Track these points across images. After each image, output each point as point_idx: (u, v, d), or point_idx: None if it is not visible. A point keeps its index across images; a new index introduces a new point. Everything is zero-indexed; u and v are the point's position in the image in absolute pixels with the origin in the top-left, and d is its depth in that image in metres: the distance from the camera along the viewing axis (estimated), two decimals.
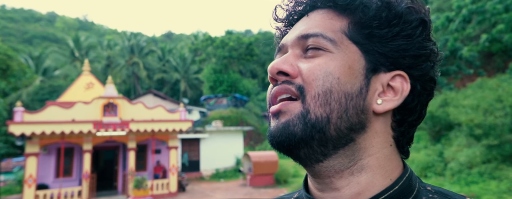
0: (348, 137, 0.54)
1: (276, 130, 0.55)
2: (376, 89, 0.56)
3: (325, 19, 0.59)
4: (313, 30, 0.58)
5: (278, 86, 0.57)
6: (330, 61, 0.55)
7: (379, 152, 0.56)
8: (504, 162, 12.88)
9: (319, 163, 0.56)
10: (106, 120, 15.14)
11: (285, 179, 18.43)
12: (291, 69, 0.56)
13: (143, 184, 15.05)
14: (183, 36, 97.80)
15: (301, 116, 0.53)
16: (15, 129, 13.49)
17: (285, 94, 0.56)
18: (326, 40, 0.56)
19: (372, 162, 0.56)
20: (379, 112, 0.56)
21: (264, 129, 33.67)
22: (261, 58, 49.33)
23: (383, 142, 0.57)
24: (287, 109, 0.55)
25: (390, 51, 0.57)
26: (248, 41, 40.47)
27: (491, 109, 12.27)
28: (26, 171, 14.10)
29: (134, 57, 49.12)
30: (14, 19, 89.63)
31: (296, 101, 0.55)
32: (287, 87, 0.55)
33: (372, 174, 0.55)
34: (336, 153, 0.55)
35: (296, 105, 0.54)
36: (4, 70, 21.21)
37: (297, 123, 0.53)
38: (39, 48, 46.77)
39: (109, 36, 78.85)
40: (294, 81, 0.55)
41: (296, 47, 0.59)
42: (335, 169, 0.56)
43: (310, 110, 0.53)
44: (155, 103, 24.96)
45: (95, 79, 18.70)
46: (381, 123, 0.57)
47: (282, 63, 0.57)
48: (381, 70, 0.57)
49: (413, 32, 0.57)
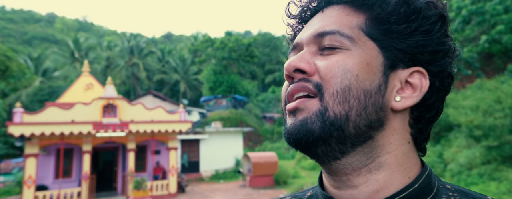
0: (367, 134, 0.54)
1: (293, 127, 0.55)
2: (395, 86, 0.56)
3: (341, 15, 0.58)
4: (330, 27, 0.57)
5: (295, 84, 0.56)
6: (348, 58, 0.54)
7: (397, 149, 0.56)
8: (504, 163, 12.88)
9: (336, 161, 0.55)
10: (105, 121, 15.13)
11: (285, 180, 18.42)
12: (308, 67, 0.56)
13: (143, 185, 15.05)
14: (183, 37, 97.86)
15: (319, 113, 0.53)
16: (14, 129, 13.48)
17: (302, 93, 0.56)
18: (343, 37, 0.55)
19: (390, 160, 0.56)
20: (397, 109, 0.55)
21: (264, 130, 33.68)
22: (261, 60, 49.35)
23: (401, 139, 0.57)
24: (305, 106, 0.54)
25: (408, 47, 0.56)
26: (247, 42, 40.50)
27: (491, 110, 12.27)
28: (25, 172, 14.09)
29: (133, 58, 49.11)
30: (13, 20, 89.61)
31: (314, 98, 0.54)
32: (304, 85, 0.55)
33: (390, 172, 0.55)
34: (354, 150, 0.55)
35: (313, 102, 0.54)
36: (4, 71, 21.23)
37: (315, 120, 0.53)
38: (39, 49, 46.79)
39: (109, 37, 78.92)
40: (311, 79, 0.55)
41: (312, 45, 0.58)
42: (352, 167, 0.55)
43: (328, 108, 0.52)
44: (154, 103, 24.97)
45: (94, 80, 18.70)
46: (399, 120, 0.57)
47: (298, 61, 0.56)
48: (399, 67, 0.56)
49: (432, 28, 0.56)
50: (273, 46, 53.39)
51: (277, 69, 51.42)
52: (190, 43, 59.68)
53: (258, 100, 40.82)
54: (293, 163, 25.00)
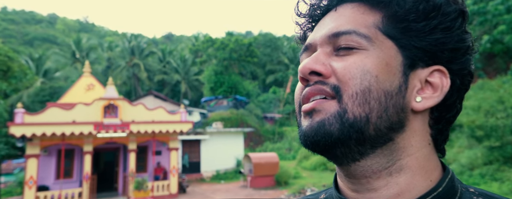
0: (387, 136, 0.52)
1: (310, 129, 0.53)
2: (415, 86, 0.54)
3: (356, 14, 0.56)
4: (345, 27, 0.55)
5: (311, 88, 0.54)
6: (366, 58, 0.52)
7: (418, 151, 0.54)
8: (506, 164, 12.85)
9: (355, 162, 0.54)
10: (106, 121, 15.13)
11: (286, 180, 18.40)
12: (324, 69, 0.53)
13: (144, 186, 15.04)
14: (184, 37, 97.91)
15: (337, 115, 0.51)
16: (15, 130, 13.49)
17: (318, 96, 0.54)
18: (360, 37, 0.53)
19: (412, 162, 0.54)
20: (418, 109, 0.53)
21: (264, 130, 33.66)
22: (262, 60, 49.33)
23: (422, 140, 0.55)
24: (322, 108, 0.52)
25: (428, 46, 0.54)
26: (248, 43, 40.51)
27: (493, 110, 12.25)
28: (26, 173, 14.09)
29: (134, 59, 49.15)
30: (15, 21, 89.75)
31: (332, 100, 0.52)
32: (321, 88, 0.53)
33: (411, 175, 0.53)
34: (374, 152, 0.53)
35: (331, 104, 0.52)
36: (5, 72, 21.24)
37: (334, 122, 0.51)
38: (40, 50, 46.85)
39: (110, 37, 78.99)
40: (327, 81, 0.53)
41: (326, 46, 0.56)
42: (372, 169, 0.54)
43: (347, 109, 0.51)
44: (155, 104, 24.95)
45: (95, 80, 18.71)
46: (419, 121, 0.55)
47: (314, 63, 0.54)
48: (419, 66, 0.55)
49: (452, 25, 0.55)
50: (274, 47, 53.35)
51: (278, 69, 51.40)
52: (191, 44, 59.73)
53: (259, 100, 40.80)
54: (294, 164, 24.97)
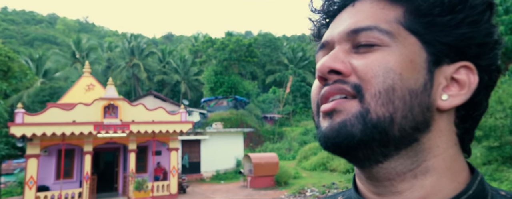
0: (412, 137, 0.50)
1: (331, 130, 0.50)
2: (440, 83, 0.51)
3: (375, 9, 0.53)
4: (365, 23, 0.52)
5: (330, 87, 0.51)
6: (389, 55, 0.49)
7: (445, 152, 0.52)
8: (505, 164, 12.88)
9: (378, 164, 0.51)
10: (106, 122, 15.16)
11: (286, 180, 18.43)
12: (343, 67, 0.51)
13: (144, 186, 15.07)
14: (183, 37, 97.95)
15: (359, 115, 0.48)
16: (16, 130, 13.52)
17: (338, 95, 0.51)
18: (382, 33, 0.50)
19: (438, 164, 0.51)
20: (444, 108, 0.51)
21: (264, 130, 33.68)
22: (261, 60, 49.36)
23: (448, 141, 0.52)
24: (343, 108, 0.50)
25: (454, 41, 0.51)
26: (248, 43, 40.53)
27: (492, 110, 12.27)
28: (26, 173, 14.11)
29: (134, 59, 49.17)
30: (15, 21, 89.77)
31: (353, 99, 0.50)
32: (341, 88, 0.50)
33: (437, 177, 0.50)
34: (398, 154, 0.50)
35: (353, 104, 0.49)
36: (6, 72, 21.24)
37: (356, 122, 0.48)
38: (40, 50, 46.86)
39: (110, 38, 79.01)
40: (348, 80, 0.50)
41: (344, 43, 0.53)
42: (396, 171, 0.51)
43: (370, 109, 0.48)
44: (155, 104, 24.96)
45: (95, 81, 18.74)
46: (445, 120, 0.52)
47: (332, 61, 0.51)
48: (444, 62, 0.52)
49: (479, 18, 0.51)
50: (273, 47, 53.37)
51: (277, 70, 51.43)
52: (191, 44, 59.75)
53: (258, 101, 40.82)
54: (294, 164, 25.00)
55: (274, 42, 54.04)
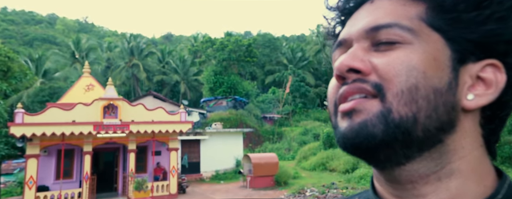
0: (436, 138, 0.48)
1: (351, 131, 0.48)
2: (465, 82, 0.49)
3: (395, 5, 0.51)
4: (385, 20, 0.50)
5: (349, 86, 0.49)
6: (411, 53, 0.48)
7: (470, 154, 0.49)
8: (503, 163, 12.91)
9: (400, 166, 0.49)
10: (106, 122, 15.18)
11: (285, 180, 18.45)
12: (363, 65, 0.49)
13: (144, 186, 15.09)
14: (183, 37, 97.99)
15: (381, 115, 0.47)
16: (15, 130, 13.55)
17: (358, 95, 0.49)
18: (403, 30, 0.49)
19: (463, 166, 0.49)
20: (470, 108, 0.49)
21: (264, 130, 33.69)
22: (261, 60, 49.40)
23: (474, 142, 0.50)
24: (363, 107, 0.48)
25: (480, 38, 0.49)
26: (247, 43, 40.57)
27: None
28: (26, 173, 14.13)
29: (133, 59, 49.20)
30: (14, 21, 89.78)
31: (373, 99, 0.48)
32: (360, 87, 0.48)
33: (463, 180, 0.48)
34: (421, 155, 0.48)
35: (373, 103, 0.47)
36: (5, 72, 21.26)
37: (377, 123, 0.47)
38: (40, 50, 46.88)
39: (109, 38, 79.01)
40: (368, 79, 0.49)
41: (363, 41, 0.51)
42: (419, 174, 0.49)
43: (392, 109, 0.46)
44: (154, 104, 24.98)
45: (95, 81, 18.76)
46: (470, 120, 0.50)
47: (351, 59, 0.49)
48: (470, 60, 0.49)
49: (508, 14, 0.49)
50: (273, 47, 53.41)
51: (277, 70, 51.45)
52: (190, 44, 59.74)
53: (258, 101, 40.84)
54: (293, 164, 25.03)
55: (273, 43, 54.08)
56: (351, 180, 17.60)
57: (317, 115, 39.98)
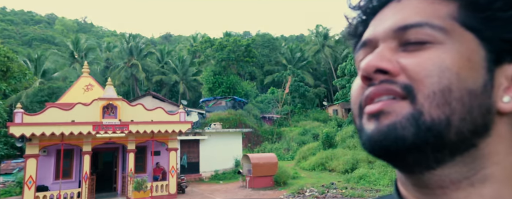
0: (470, 142, 0.46)
1: (378, 133, 0.46)
2: (501, 84, 0.47)
3: (425, 4, 0.49)
4: (414, 19, 0.48)
5: (376, 88, 0.48)
6: (443, 54, 0.46)
7: (505, 159, 0.47)
8: None
9: (430, 171, 0.47)
10: (105, 122, 15.18)
11: (285, 180, 18.46)
12: (391, 66, 0.47)
13: (143, 186, 15.09)
14: (182, 37, 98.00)
15: (411, 117, 0.45)
16: (15, 130, 13.55)
17: (385, 96, 0.47)
18: (434, 30, 0.47)
19: (498, 172, 0.46)
20: (506, 111, 0.46)
21: (263, 130, 33.70)
22: (260, 60, 49.43)
23: (509, 147, 0.47)
24: (392, 109, 0.46)
25: None
26: (246, 43, 40.60)
27: None
28: (26, 173, 14.13)
29: (133, 59, 49.19)
30: (13, 21, 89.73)
31: (402, 101, 0.46)
32: (388, 88, 0.47)
33: (498, 186, 0.46)
34: (453, 160, 0.46)
35: (403, 105, 0.45)
36: (5, 72, 21.24)
37: (407, 125, 0.44)
38: (39, 50, 46.85)
39: (108, 38, 78.94)
40: (396, 80, 0.47)
41: (390, 41, 0.50)
42: (450, 179, 0.47)
43: (423, 111, 0.44)
44: (154, 104, 25.00)
45: (94, 81, 18.75)
46: (505, 124, 0.48)
47: (379, 60, 0.48)
48: (506, 61, 0.47)
49: None
50: (272, 47, 53.45)
51: (276, 70, 51.50)
52: (189, 44, 59.80)
53: (257, 101, 40.87)
54: (293, 164, 25.04)
55: (273, 43, 54.13)
56: (350, 180, 17.62)
57: (316, 115, 40.03)
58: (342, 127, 29.43)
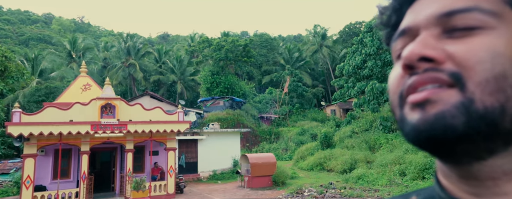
0: None
1: (425, 122, 0.44)
2: None
3: None
4: (461, 3, 0.46)
5: (421, 76, 0.45)
6: (495, 39, 0.43)
7: None
8: None
9: (480, 161, 0.45)
10: (104, 121, 15.13)
11: (283, 180, 18.44)
12: (436, 53, 0.45)
13: (142, 186, 15.04)
14: (179, 37, 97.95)
15: (461, 106, 0.42)
16: (13, 129, 13.49)
17: (431, 85, 0.44)
18: (484, 14, 0.44)
19: None
20: None
21: (261, 130, 33.70)
22: (258, 61, 49.43)
23: None
24: (439, 98, 0.44)
25: None
26: (244, 43, 40.62)
27: None
28: (23, 173, 14.07)
29: (130, 59, 49.09)
30: (10, 21, 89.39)
31: (450, 89, 0.44)
32: (435, 76, 0.44)
33: None
34: (507, 150, 0.44)
35: (451, 93, 0.43)
36: (2, 72, 21.16)
37: (457, 114, 0.42)
38: (35, 50, 46.71)
39: (105, 38, 78.78)
40: (442, 68, 0.44)
41: (433, 28, 0.47)
42: (503, 170, 0.45)
43: (475, 99, 0.42)
44: (151, 104, 24.98)
45: (92, 81, 18.70)
46: None
47: (423, 47, 0.46)
48: None
49: None
50: (269, 47, 53.48)
51: (274, 70, 51.51)
52: (187, 44, 59.76)
53: (255, 101, 40.89)
54: (291, 164, 25.04)
55: (270, 43, 54.17)
56: (349, 180, 17.62)
57: (314, 115, 40.05)
58: (340, 127, 29.46)
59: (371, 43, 28.70)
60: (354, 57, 30.07)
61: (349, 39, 45.44)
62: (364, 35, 30.60)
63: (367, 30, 30.50)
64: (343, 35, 51.15)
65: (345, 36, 50.30)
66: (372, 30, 29.67)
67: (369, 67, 27.92)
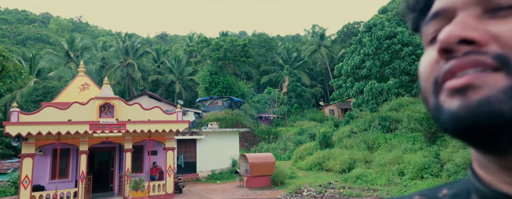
0: None
1: (466, 109, 0.41)
2: None
3: None
4: None
5: (460, 60, 0.42)
6: None
7: None
8: None
9: None
10: (102, 121, 15.09)
11: (282, 180, 18.43)
12: (478, 35, 0.42)
13: (141, 186, 15.00)
14: (178, 37, 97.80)
15: (510, 90, 0.39)
16: (11, 129, 13.43)
17: (472, 69, 0.41)
18: None
19: None
20: None
21: (259, 130, 33.68)
22: (256, 60, 49.44)
23: None
24: (483, 82, 0.40)
25: None
26: (242, 43, 40.61)
27: None
28: (22, 172, 14.01)
29: (128, 59, 49.03)
30: (7, 20, 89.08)
31: (495, 72, 0.40)
32: (476, 60, 0.41)
33: None
34: None
35: (497, 77, 0.40)
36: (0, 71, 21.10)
37: (505, 99, 0.39)
38: (33, 50, 46.59)
39: (104, 37, 78.63)
40: (485, 50, 0.41)
41: (472, 8, 0.44)
42: None
43: None
44: (150, 104, 24.92)
45: (90, 80, 18.64)
46: None
47: (463, 29, 0.42)
48: None
49: None
50: (268, 47, 53.49)
51: (272, 70, 51.53)
52: (185, 44, 59.72)
53: (254, 101, 40.89)
54: (290, 164, 25.04)
55: (269, 43, 54.17)
56: (347, 180, 17.62)
57: (313, 115, 40.07)
58: (338, 127, 29.48)
59: (370, 43, 28.70)
60: (353, 57, 30.08)
61: (347, 39, 45.46)
62: (362, 35, 30.61)
63: (366, 30, 30.49)
64: (341, 35, 51.17)
65: (343, 36, 50.31)
66: (370, 30, 29.66)
67: (367, 67, 27.95)
